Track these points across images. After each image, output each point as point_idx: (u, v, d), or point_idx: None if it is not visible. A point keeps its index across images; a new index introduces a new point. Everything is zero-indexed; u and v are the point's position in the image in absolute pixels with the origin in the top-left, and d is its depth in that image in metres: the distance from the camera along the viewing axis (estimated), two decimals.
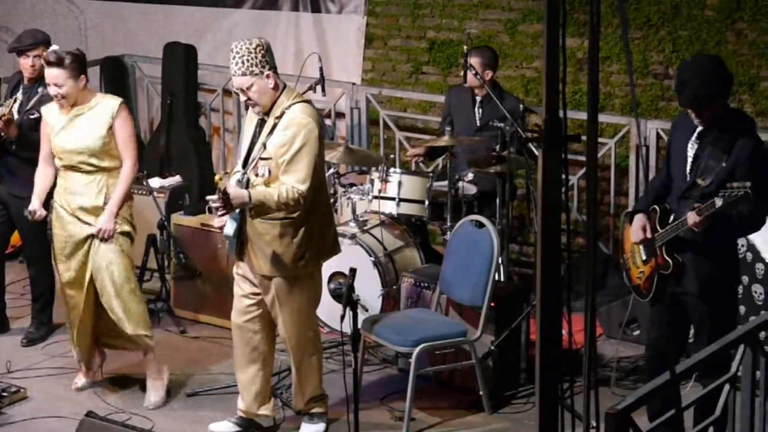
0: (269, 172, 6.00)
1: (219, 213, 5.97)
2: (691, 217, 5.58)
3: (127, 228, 6.75)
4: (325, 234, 6.23)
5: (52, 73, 6.65)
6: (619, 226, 6.31)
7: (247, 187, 5.99)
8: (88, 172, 6.71)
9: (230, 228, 6.10)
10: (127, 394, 7.01)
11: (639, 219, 5.94)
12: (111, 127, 6.67)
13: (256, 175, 6.03)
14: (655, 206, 5.90)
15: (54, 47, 6.85)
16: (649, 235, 5.86)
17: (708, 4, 8.41)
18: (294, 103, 6.03)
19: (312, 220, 6.11)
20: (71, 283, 6.82)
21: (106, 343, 7.09)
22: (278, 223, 6.04)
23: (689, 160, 5.76)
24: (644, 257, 5.97)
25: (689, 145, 5.77)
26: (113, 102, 6.75)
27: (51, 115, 6.83)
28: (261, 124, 6.14)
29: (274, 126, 6.01)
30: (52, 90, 6.68)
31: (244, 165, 6.12)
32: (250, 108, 6.18)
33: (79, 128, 6.70)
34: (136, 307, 6.78)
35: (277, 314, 6.23)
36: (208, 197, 5.88)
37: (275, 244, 6.07)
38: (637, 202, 6.09)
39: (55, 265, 6.92)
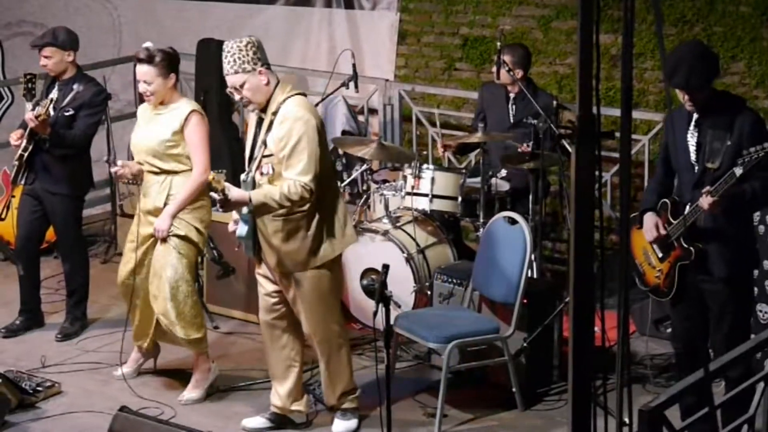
0: (272, 169, 6.00)
1: (220, 210, 6.06)
2: (705, 201, 5.61)
3: (183, 232, 6.73)
4: (339, 223, 6.20)
5: (141, 70, 6.67)
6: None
7: (253, 187, 6.02)
8: (154, 173, 6.75)
9: (242, 229, 6.13)
10: (161, 388, 7.04)
11: (649, 218, 5.97)
12: (178, 133, 6.67)
13: (261, 173, 6.04)
14: (665, 200, 5.92)
15: (147, 44, 6.78)
16: (662, 231, 5.87)
17: (743, 0, 8.36)
18: (288, 97, 6.02)
19: (322, 212, 6.10)
20: (127, 276, 6.89)
21: (161, 339, 7.12)
22: (290, 218, 6.05)
23: (692, 149, 5.81)
24: (660, 255, 5.96)
25: (689, 136, 5.82)
26: (186, 108, 6.72)
27: (141, 111, 6.90)
28: (260, 123, 6.14)
29: (272, 122, 6.01)
30: (141, 87, 6.70)
31: (249, 164, 6.13)
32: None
33: (152, 128, 6.73)
34: (190, 311, 6.79)
35: (299, 310, 6.24)
36: (210, 194, 5.95)
37: (289, 241, 6.08)
38: (642, 204, 6.09)
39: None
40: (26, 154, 7.50)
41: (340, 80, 8.43)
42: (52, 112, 7.32)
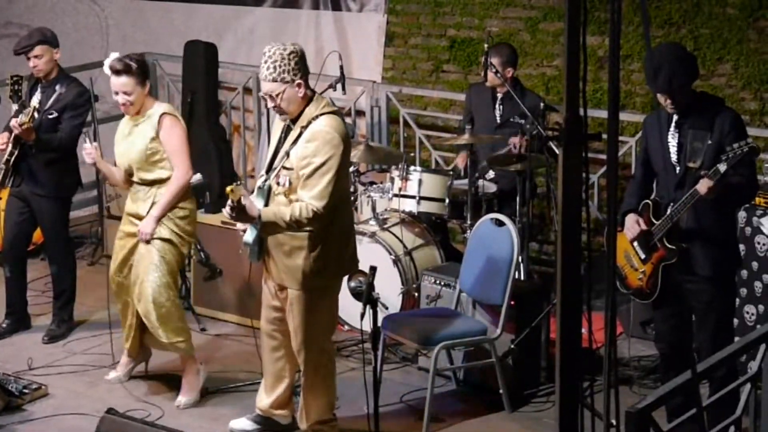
0: (289, 182, 5.87)
1: (231, 218, 5.92)
2: (704, 184, 5.65)
3: (166, 235, 6.70)
4: (344, 250, 6.09)
5: (120, 82, 6.56)
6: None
7: (268, 195, 5.93)
8: (142, 184, 6.71)
9: (249, 236, 6.01)
10: (149, 391, 7.03)
11: (631, 217, 6.02)
12: (155, 139, 6.60)
13: (278, 183, 5.92)
14: (646, 201, 5.96)
15: (115, 54, 6.69)
16: (644, 227, 5.90)
17: (729, 2, 8.37)
18: (321, 114, 5.87)
19: (332, 235, 5.97)
20: (114, 276, 6.91)
21: (148, 342, 7.08)
22: (297, 235, 5.92)
23: (673, 150, 5.86)
24: (642, 256, 5.98)
25: (669, 137, 5.87)
26: (157, 111, 6.64)
27: (121, 122, 6.82)
28: (287, 130, 6.00)
29: (299, 135, 5.86)
30: (120, 98, 6.59)
31: (269, 170, 6.02)
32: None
33: (132, 140, 6.67)
34: (173, 314, 6.77)
35: (290, 326, 6.14)
36: (225, 209, 5.84)
37: (293, 256, 5.96)
38: (622, 207, 6.11)
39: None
40: (12, 159, 7.49)
41: (327, 82, 8.41)
42: (36, 116, 7.30)
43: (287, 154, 5.89)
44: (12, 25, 11.52)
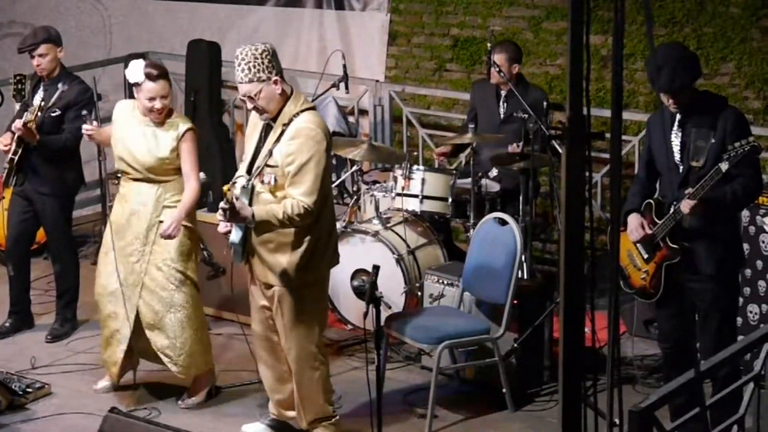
0: (275, 180, 5.89)
1: (224, 221, 5.91)
2: (686, 204, 5.65)
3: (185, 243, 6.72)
4: (328, 243, 6.11)
5: (158, 86, 6.46)
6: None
7: (252, 194, 5.93)
8: (146, 181, 6.64)
9: (236, 236, 6.02)
10: (151, 390, 7.03)
11: (634, 218, 6.00)
12: (175, 150, 6.54)
13: (262, 182, 5.93)
14: (649, 201, 5.96)
15: (138, 62, 6.53)
16: (648, 231, 5.90)
17: (733, 1, 8.37)
18: (302, 111, 5.90)
19: (316, 231, 5.99)
20: (110, 291, 6.79)
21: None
22: (283, 231, 5.93)
23: (676, 149, 5.86)
24: (645, 256, 5.98)
25: (673, 136, 5.87)
26: (182, 126, 6.57)
27: (122, 115, 6.68)
28: (267, 129, 6.01)
29: (282, 133, 5.88)
30: (158, 104, 6.48)
31: (249, 171, 6.02)
32: (254, 112, 6.06)
33: (145, 141, 6.56)
34: (204, 347, 6.83)
35: (278, 324, 6.14)
36: (220, 205, 5.82)
37: (278, 253, 5.98)
38: (625, 206, 6.10)
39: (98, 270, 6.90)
40: (17, 158, 7.49)
41: (330, 81, 8.42)
42: (39, 114, 7.30)
43: (270, 152, 5.91)
44: (16, 24, 11.51)
